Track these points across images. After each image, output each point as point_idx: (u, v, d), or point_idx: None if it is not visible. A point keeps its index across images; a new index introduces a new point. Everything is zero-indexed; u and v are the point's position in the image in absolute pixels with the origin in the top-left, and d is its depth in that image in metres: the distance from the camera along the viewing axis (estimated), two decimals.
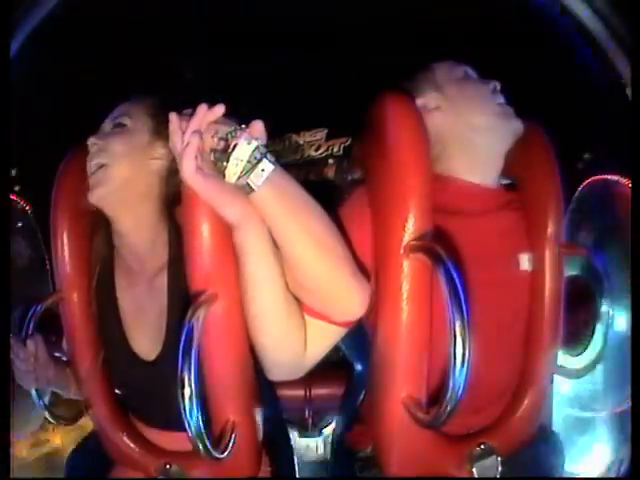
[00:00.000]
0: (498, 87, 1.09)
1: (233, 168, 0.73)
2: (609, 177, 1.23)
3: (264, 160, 0.73)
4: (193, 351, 0.76)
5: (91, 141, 1.02)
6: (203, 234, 0.82)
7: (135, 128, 1.03)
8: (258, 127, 0.76)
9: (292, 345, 0.87)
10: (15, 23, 1.06)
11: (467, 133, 1.07)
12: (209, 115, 0.75)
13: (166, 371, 0.76)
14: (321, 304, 0.85)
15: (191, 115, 0.76)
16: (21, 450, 1.50)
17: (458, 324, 0.74)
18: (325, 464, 1.28)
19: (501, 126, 1.06)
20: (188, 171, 0.73)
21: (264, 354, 0.88)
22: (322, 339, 0.90)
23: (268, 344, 0.87)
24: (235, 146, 0.73)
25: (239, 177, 0.73)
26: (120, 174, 1.00)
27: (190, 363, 0.75)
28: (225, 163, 0.73)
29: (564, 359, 1.09)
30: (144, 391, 1.05)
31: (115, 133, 1.03)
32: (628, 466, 0.96)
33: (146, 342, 1.05)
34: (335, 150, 1.85)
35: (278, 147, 1.84)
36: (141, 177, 1.01)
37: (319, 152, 1.85)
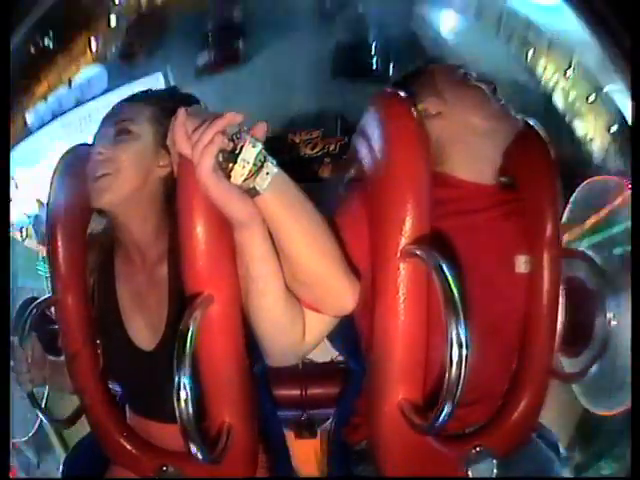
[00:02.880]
0: (497, 87, 1.09)
1: (240, 170, 0.73)
2: (608, 177, 1.23)
3: (268, 163, 0.74)
4: (189, 353, 0.76)
5: (96, 150, 1.00)
6: (198, 236, 0.82)
7: (141, 135, 1.01)
8: (261, 129, 0.76)
9: (293, 334, 0.89)
10: (15, 22, 1.05)
11: (467, 135, 1.07)
12: (233, 119, 0.74)
13: (165, 361, 0.76)
14: (315, 299, 0.88)
15: (194, 114, 0.76)
16: None
17: (455, 330, 0.74)
18: (321, 464, 1.28)
19: (501, 127, 1.07)
20: (206, 169, 0.72)
21: (266, 345, 0.91)
22: (318, 327, 0.92)
23: (271, 336, 0.89)
24: (242, 147, 0.73)
25: (245, 179, 0.73)
26: (127, 183, 0.99)
27: (186, 365, 0.75)
28: (232, 164, 0.73)
29: (562, 362, 1.09)
30: (143, 382, 1.05)
31: (121, 141, 1.00)
32: (628, 466, 0.96)
33: (145, 332, 1.05)
34: (331, 149, 1.84)
35: (274, 145, 1.83)
36: (148, 184, 1.01)
37: (315, 151, 1.84)
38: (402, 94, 0.98)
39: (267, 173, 0.73)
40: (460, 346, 0.74)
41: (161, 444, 1.07)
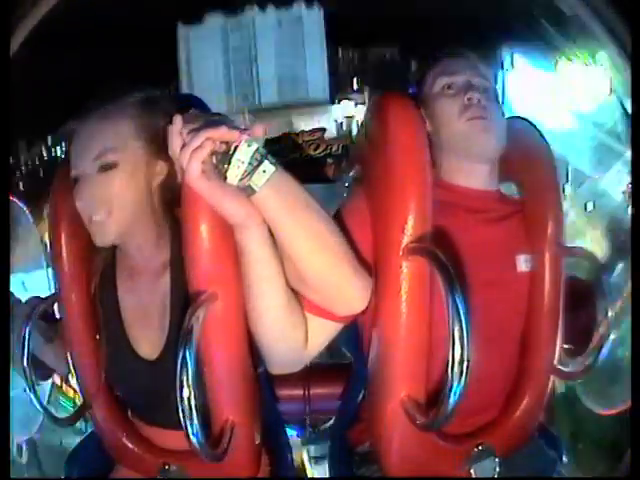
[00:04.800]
0: (475, 100, 1.06)
1: (235, 170, 0.73)
2: (608, 177, 1.23)
3: (265, 161, 0.73)
4: (192, 352, 0.76)
5: (84, 187, 0.94)
6: (202, 235, 0.82)
7: (127, 160, 0.95)
8: (259, 129, 0.76)
9: (294, 341, 0.88)
10: (15, 23, 1.05)
11: (444, 146, 1.09)
12: (228, 135, 0.73)
13: (168, 370, 0.76)
14: (322, 300, 0.86)
15: (192, 117, 0.76)
16: None
17: (457, 328, 0.75)
18: (324, 464, 1.28)
19: (471, 144, 1.06)
20: (193, 173, 0.72)
21: (267, 350, 0.90)
22: (321, 334, 0.91)
23: (271, 341, 0.88)
24: (236, 148, 0.73)
25: (241, 179, 0.73)
26: (126, 213, 0.96)
27: (189, 364, 0.75)
28: (226, 165, 0.73)
29: (563, 361, 1.09)
30: (146, 390, 1.04)
31: (108, 176, 0.94)
32: (628, 466, 0.96)
33: (148, 341, 1.04)
34: (334, 149, 1.85)
35: (277, 147, 1.84)
36: (145, 197, 0.98)
37: (318, 151, 1.85)
38: (404, 95, 0.98)
39: (264, 171, 0.73)
40: (462, 344, 0.74)
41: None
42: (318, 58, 1.96)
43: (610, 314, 1.00)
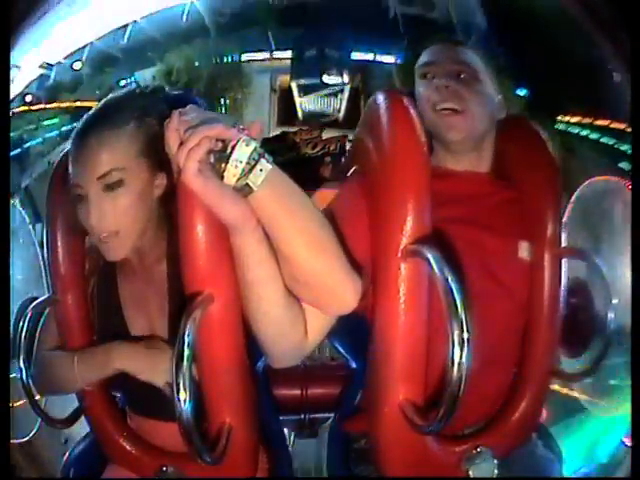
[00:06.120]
0: (444, 86, 1.06)
1: (233, 170, 0.72)
2: (608, 178, 1.23)
3: (262, 160, 0.73)
4: (188, 354, 0.75)
5: (93, 206, 0.93)
6: (198, 235, 0.81)
7: (133, 177, 0.94)
8: (257, 128, 0.76)
9: (295, 336, 0.88)
10: (15, 22, 1.04)
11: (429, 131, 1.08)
12: (224, 133, 0.72)
13: None
14: (315, 299, 0.86)
15: (189, 113, 0.76)
16: None
17: (456, 330, 0.74)
18: (321, 464, 1.28)
19: (441, 134, 1.08)
20: (190, 172, 0.72)
21: (268, 347, 0.90)
22: (320, 325, 0.91)
23: (272, 339, 0.88)
24: (234, 147, 0.72)
25: (238, 179, 0.73)
26: (134, 230, 0.96)
27: (185, 366, 0.74)
28: (224, 165, 0.72)
29: (563, 362, 1.10)
30: (147, 383, 1.04)
31: (115, 198, 0.93)
32: (628, 466, 0.96)
33: (148, 333, 1.05)
34: (332, 148, 1.84)
35: (274, 145, 1.84)
36: (150, 211, 0.98)
37: (315, 150, 1.84)
38: (403, 94, 0.98)
39: (261, 170, 0.72)
40: (462, 347, 0.74)
41: (163, 443, 1.07)
42: None
43: (610, 315, 1.01)
